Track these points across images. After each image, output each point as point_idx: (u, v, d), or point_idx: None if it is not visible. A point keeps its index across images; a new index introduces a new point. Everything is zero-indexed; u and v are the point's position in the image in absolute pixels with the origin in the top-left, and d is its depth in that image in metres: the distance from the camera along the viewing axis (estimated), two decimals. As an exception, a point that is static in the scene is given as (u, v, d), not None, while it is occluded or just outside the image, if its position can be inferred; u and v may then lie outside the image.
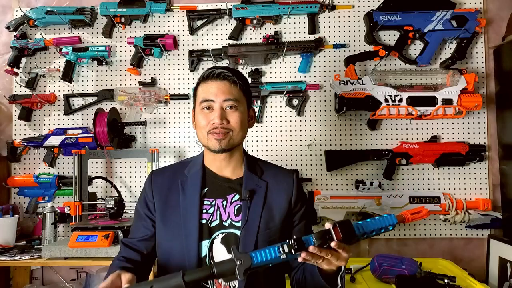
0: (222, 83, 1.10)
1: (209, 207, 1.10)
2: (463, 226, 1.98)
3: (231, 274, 0.83)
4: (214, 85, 1.10)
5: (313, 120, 2.08)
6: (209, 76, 1.11)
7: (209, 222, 1.08)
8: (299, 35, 2.10)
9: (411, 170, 2.03)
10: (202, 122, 1.10)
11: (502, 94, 2.00)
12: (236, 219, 1.08)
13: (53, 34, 2.16)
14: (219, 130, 1.07)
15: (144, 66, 2.14)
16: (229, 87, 1.10)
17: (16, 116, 2.13)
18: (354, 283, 1.59)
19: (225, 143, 1.08)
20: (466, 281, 1.54)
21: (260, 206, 1.10)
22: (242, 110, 1.12)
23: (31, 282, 2.09)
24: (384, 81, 2.03)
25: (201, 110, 1.11)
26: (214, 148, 1.09)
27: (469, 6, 2.04)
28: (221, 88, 1.09)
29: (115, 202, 1.75)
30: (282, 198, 1.13)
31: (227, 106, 1.09)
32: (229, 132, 1.09)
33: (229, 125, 1.09)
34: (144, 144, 2.12)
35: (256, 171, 1.16)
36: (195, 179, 1.14)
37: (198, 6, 2.11)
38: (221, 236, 1.07)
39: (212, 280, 1.03)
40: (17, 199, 2.13)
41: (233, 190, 1.12)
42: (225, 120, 1.08)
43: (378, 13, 1.99)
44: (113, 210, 1.74)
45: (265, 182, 1.14)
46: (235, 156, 1.15)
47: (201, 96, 1.11)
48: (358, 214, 1.97)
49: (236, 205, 1.10)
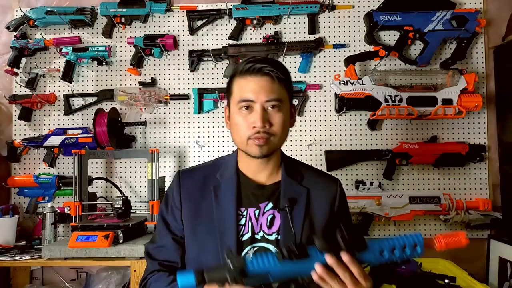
0: (263, 79, 0.96)
1: (240, 217, 0.99)
2: (463, 227, 1.98)
3: (222, 281, 0.74)
4: (253, 81, 0.96)
5: (313, 120, 2.08)
6: (248, 71, 0.96)
7: (240, 235, 0.98)
8: (299, 35, 2.10)
9: (411, 170, 2.03)
10: (241, 126, 0.97)
11: (502, 94, 2.00)
12: (268, 231, 0.98)
13: (53, 34, 2.16)
14: (261, 135, 0.95)
15: (144, 66, 2.14)
16: (271, 84, 0.96)
17: (16, 116, 2.13)
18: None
19: (266, 149, 0.97)
20: (466, 281, 1.54)
21: (301, 217, 0.98)
22: (285, 111, 0.98)
23: (31, 282, 2.09)
24: (384, 81, 2.03)
25: (239, 110, 0.97)
26: (254, 154, 0.97)
27: (469, 6, 2.04)
28: (262, 85, 0.95)
29: (123, 202, 1.75)
30: (325, 208, 1.02)
31: (269, 107, 0.96)
32: (270, 137, 0.96)
33: (271, 129, 0.96)
34: (144, 144, 2.12)
35: (296, 176, 1.05)
36: (229, 186, 1.02)
37: (198, 6, 2.11)
38: (252, 251, 0.97)
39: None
40: (17, 199, 2.13)
41: (266, 198, 1.01)
42: (267, 123, 0.95)
43: (378, 13, 1.99)
44: (121, 210, 1.75)
45: (306, 188, 1.02)
46: (273, 159, 1.04)
47: (239, 95, 0.97)
48: (358, 214, 1.97)
49: (269, 215, 0.99)
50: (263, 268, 0.75)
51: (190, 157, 2.11)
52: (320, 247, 0.76)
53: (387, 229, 2.03)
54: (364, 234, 1.98)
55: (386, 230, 2.03)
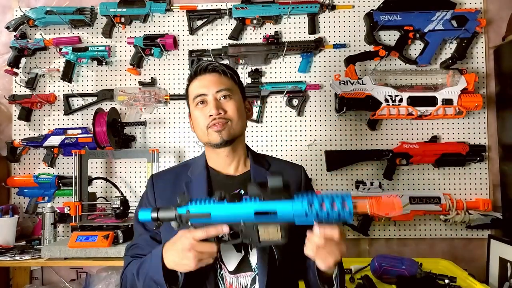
0: (211, 75, 1.08)
1: None
2: (463, 227, 1.98)
3: (169, 218, 0.88)
4: (203, 79, 1.08)
5: (313, 120, 2.07)
6: (197, 72, 1.09)
7: None
8: (299, 35, 2.10)
9: (411, 170, 2.03)
10: (199, 118, 1.07)
11: (502, 94, 2.00)
12: None
13: (53, 34, 2.16)
14: (217, 121, 1.04)
15: (144, 66, 2.14)
16: (219, 78, 1.07)
17: (16, 116, 2.13)
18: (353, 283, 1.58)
19: (225, 134, 1.04)
20: (466, 282, 1.54)
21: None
22: (237, 99, 1.09)
23: (31, 282, 2.09)
24: (384, 81, 2.02)
25: (195, 106, 1.08)
26: (215, 141, 1.05)
27: (469, 6, 2.04)
28: (211, 80, 1.07)
29: (121, 202, 1.75)
30: (293, 191, 1.10)
31: (221, 97, 1.06)
32: (227, 122, 1.05)
33: (226, 115, 1.05)
34: (144, 144, 2.12)
35: (263, 164, 1.13)
36: (200, 181, 1.09)
37: (198, 6, 2.10)
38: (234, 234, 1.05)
39: (222, 281, 1.01)
40: (17, 199, 2.13)
41: (237, 187, 1.07)
42: (221, 110, 1.04)
43: (378, 13, 1.99)
44: (119, 210, 1.75)
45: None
46: (238, 151, 1.11)
47: (193, 93, 1.08)
48: (359, 214, 1.97)
49: None
50: (204, 206, 0.86)
51: (190, 157, 2.10)
52: (250, 192, 0.85)
53: (387, 229, 2.02)
54: (364, 234, 1.98)
55: (386, 230, 2.02)
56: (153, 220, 0.90)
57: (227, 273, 1.02)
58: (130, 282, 1.04)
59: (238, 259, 1.02)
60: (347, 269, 1.66)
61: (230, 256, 1.02)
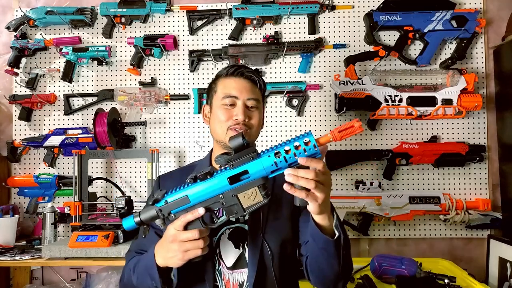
0: (245, 81, 1.12)
1: None
2: (463, 226, 1.98)
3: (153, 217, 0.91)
4: (237, 82, 1.11)
5: (313, 120, 2.08)
6: (233, 73, 1.12)
7: (216, 218, 1.06)
8: (299, 35, 2.10)
9: (411, 170, 2.03)
10: (223, 117, 1.09)
11: (502, 94, 2.00)
12: None
13: (53, 34, 2.17)
14: (241, 126, 1.07)
15: (144, 66, 2.14)
16: (252, 87, 1.12)
17: (16, 116, 2.13)
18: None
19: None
20: (466, 281, 1.54)
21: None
22: (261, 111, 1.14)
23: (31, 282, 2.10)
24: (384, 81, 2.03)
25: (222, 105, 1.10)
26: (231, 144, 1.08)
27: (469, 6, 2.04)
28: (245, 86, 1.11)
29: (125, 202, 1.75)
30: None
31: (250, 105, 1.10)
32: (248, 130, 1.09)
33: (250, 122, 1.09)
34: (144, 144, 2.12)
35: None
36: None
37: (198, 6, 2.11)
38: (228, 231, 1.06)
39: (220, 276, 1.03)
40: (17, 199, 2.13)
41: None
42: (247, 118, 1.09)
43: (378, 13, 1.99)
44: (123, 210, 1.75)
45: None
46: None
47: (223, 91, 1.11)
48: (358, 214, 1.97)
49: None
50: (180, 192, 0.89)
51: (190, 157, 2.11)
52: (219, 163, 0.86)
53: (387, 229, 2.03)
54: (364, 234, 1.98)
55: (386, 230, 2.03)
56: (137, 224, 0.91)
57: (225, 269, 1.03)
58: (127, 277, 1.06)
59: (236, 256, 1.04)
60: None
61: (229, 252, 1.04)
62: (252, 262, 1.01)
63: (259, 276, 1.00)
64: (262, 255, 1.02)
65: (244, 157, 0.85)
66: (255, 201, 0.85)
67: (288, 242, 1.07)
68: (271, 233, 1.03)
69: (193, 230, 0.88)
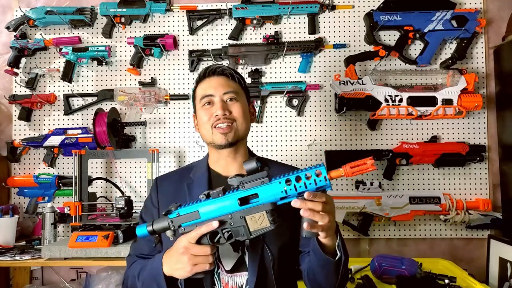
0: (219, 78, 1.12)
1: None
2: (463, 227, 1.98)
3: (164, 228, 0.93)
4: (211, 81, 1.12)
5: (313, 120, 2.08)
6: (205, 74, 1.13)
7: None
8: (299, 35, 2.10)
9: (411, 170, 2.03)
10: (204, 117, 1.09)
11: (502, 94, 2.00)
12: None
13: (53, 34, 2.16)
14: (223, 121, 1.07)
15: (144, 66, 2.14)
16: (227, 81, 1.12)
17: (16, 116, 2.13)
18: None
19: (231, 136, 1.08)
20: (466, 282, 1.54)
21: None
22: (243, 102, 1.12)
23: (31, 282, 2.09)
24: (384, 81, 2.03)
25: (202, 107, 1.11)
26: (220, 142, 1.08)
27: (469, 6, 2.04)
28: (219, 82, 1.11)
29: (125, 202, 1.75)
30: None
31: (227, 99, 1.10)
32: (233, 123, 1.08)
33: (232, 116, 1.09)
34: (144, 144, 2.12)
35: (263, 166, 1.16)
36: (201, 181, 1.12)
37: (198, 6, 2.10)
38: (227, 235, 1.06)
39: (219, 279, 1.03)
40: (17, 199, 2.13)
41: None
42: (227, 111, 1.08)
43: (378, 13, 1.99)
44: (123, 210, 1.75)
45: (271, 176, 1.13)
46: (240, 153, 1.14)
47: (201, 94, 1.12)
48: (358, 214, 1.97)
49: None
50: (193, 207, 0.90)
51: (190, 157, 2.11)
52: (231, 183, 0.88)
53: (387, 229, 2.02)
54: (364, 234, 1.98)
55: (386, 230, 2.03)
56: (150, 233, 0.93)
57: (224, 272, 1.02)
58: (131, 283, 1.06)
59: (235, 259, 1.03)
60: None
61: (228, 255, 1.03)
62: (252, 265, 1.00)
63: (259, 279, 1.00)
64: (262, 258, 1.01)
65: (255, 180, 0.86)
66: (262, 225, 0.86)
67: (288, 246, 1.07)
68: (272, 237, 1.02)
69: (206, 246, 0.89)
